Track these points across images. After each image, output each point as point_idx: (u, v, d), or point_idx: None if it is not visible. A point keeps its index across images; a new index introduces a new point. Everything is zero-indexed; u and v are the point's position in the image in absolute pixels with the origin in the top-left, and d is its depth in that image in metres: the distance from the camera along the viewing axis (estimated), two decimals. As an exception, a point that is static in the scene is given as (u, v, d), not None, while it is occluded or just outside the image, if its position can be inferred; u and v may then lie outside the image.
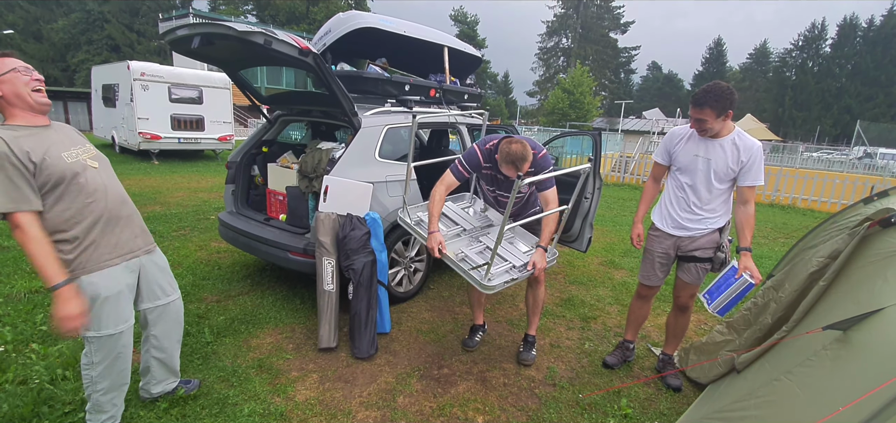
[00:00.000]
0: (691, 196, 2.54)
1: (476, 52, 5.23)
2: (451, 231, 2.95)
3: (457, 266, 2.56)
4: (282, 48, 2.92)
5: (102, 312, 1.85)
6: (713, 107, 2.31)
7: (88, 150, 1.91)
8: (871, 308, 1.72)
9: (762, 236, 7.02)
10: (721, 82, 2.35)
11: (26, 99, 1.73)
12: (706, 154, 2.46)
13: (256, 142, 4.37)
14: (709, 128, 2.37)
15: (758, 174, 2.39)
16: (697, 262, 2.59)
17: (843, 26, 48.98)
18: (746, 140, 2.40)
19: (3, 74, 1.69)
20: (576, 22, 57.13)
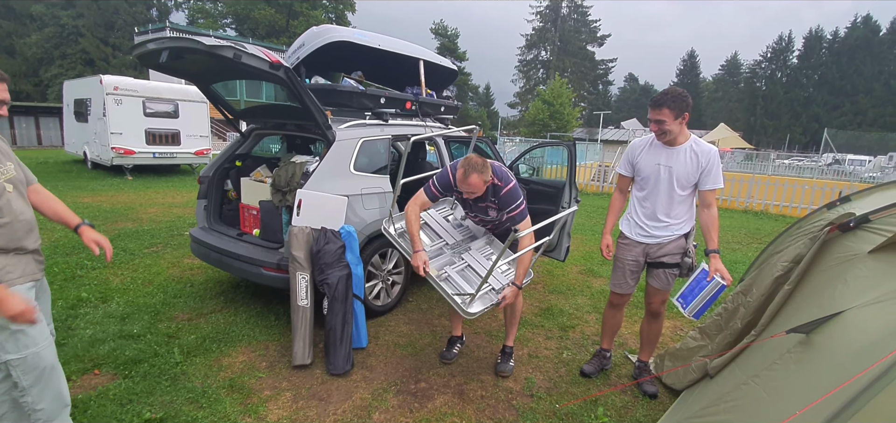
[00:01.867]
0: (656, 204, 2.59)
1: (452, 65, 5.27)
2: (434, 245, 2.91)
3: (439, 287, 2.54)
4: (252, 62, 2.89)
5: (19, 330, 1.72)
6: (671, 107, 2.38)
7: (7, 170, 1.82)
8: (833, 311, 1.77)
9: (736, 242, 7.18)
10: (678, 87, 2.45)
11: None
12: (667, 162, 2.52)
13: (230, 156, 4.30)
14: (667, 130, 2.42)
15: (717, 177, 2.47)
16: (666, 268, 2.64)
17: (808, 38, 51.10)
18: (703, 146, 2.48)
19: None
20: (554, 35, 58.22)
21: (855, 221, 2.13)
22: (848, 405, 1.25)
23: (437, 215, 3.28)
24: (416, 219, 2.70)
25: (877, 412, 1.17)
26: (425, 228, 3.04)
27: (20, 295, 1.67)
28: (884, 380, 1.21)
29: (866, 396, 1.18)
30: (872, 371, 1.20)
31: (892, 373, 1.19)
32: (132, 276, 4.32)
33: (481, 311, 2.51)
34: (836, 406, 1.27)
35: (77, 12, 35.07)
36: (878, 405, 1.17)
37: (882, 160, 24.37)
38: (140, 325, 3.30)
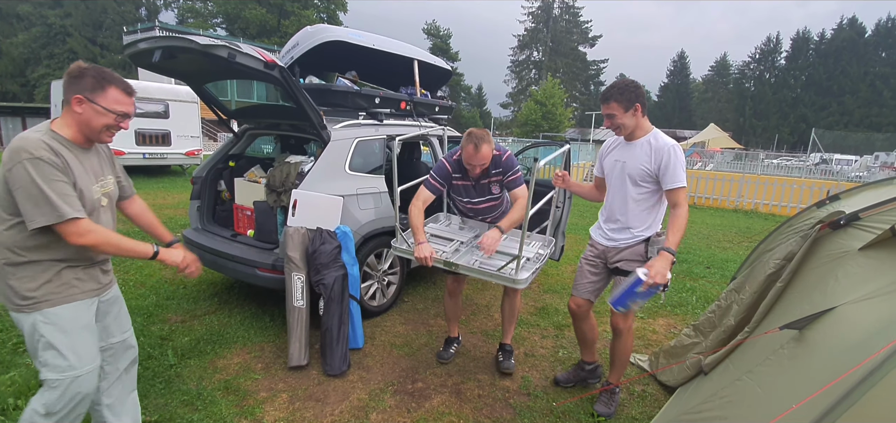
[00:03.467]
0: (613, 203, 2.46)
1: (446, 65, 5.28)
2: (450, 247, 2.84)
3: (479, 273, 2.48)
4: (246, 61, 2.87)
5: (65, 348, 1.62)
6: (618, 100, 2.26)
7: (107, 183, 1.80)
8: (825, 307, 1.80)
9: (727, 241, 7.27)
10: (627, 78, 2.36)
11: (92, 135, 1.68)
12: (622, 157, 2.39)
13: (223, 156, 4.27)
14: (620, 123, 2.29)
15: (675, 175, 2.21)
16: (621, 275, 2.43)
17: (796, 40, 51.84)
18: (661, 141, 2.27)
19: (101, 105, 1.63)
20: (546, 36, 58.47)
21: (845, 219, 2.17)
22: (841, 399, 1.27)
23: (439, 227, 3.25)
24: (420, 214, 2.69)
25: (870, 407, 1.19)
26: (435, 240, 2.95)
27: (177, 249, 1.82)
28: (877, 374, 1.23)
29: (860, 390, 1.21)
30: (865, 366, 1.22)
31: (885, 368, 1.21)
32: (123, 278, 4.27)
33: (529, 277, 2.43)
34: (830, 401, 1.29)
35: (65, 12, 34.63)
36: (872, 399, 1.19)
37: (868, 160, 24.80)
38: (133, 327, 3.25)
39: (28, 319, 1.60)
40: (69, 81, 1.62)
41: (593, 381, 2.79)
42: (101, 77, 1.63)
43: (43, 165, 1.50)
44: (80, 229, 1.56)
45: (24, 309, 1.59)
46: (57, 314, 1.62)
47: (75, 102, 1.61)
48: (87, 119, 1.63)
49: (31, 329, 1.61)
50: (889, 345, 1.23)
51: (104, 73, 1.65)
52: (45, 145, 1.53)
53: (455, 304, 3.04)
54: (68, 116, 1.64)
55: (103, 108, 1.63)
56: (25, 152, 1.49)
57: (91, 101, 1.61)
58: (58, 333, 1.62)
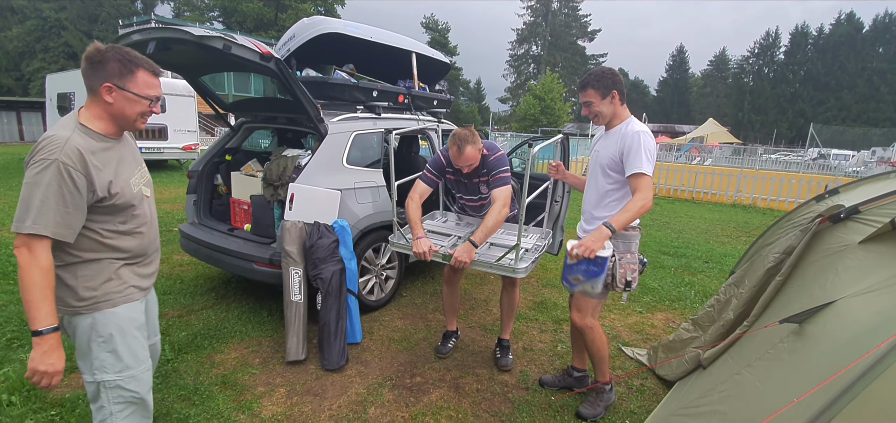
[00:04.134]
0: (589, 196, 2.40)
1: (445, 58, 5.24)
2: (448, 242, 2.83)
3: (478, 264, 2.45)
4: (242, 53, 2.84)
5: (122, 349, 1.56)
6: (595, 87, 2.20)
7: (144, 174, 1.71)
8: (824, 301, 1.79)
9: (725, 236, 7.27)
10: (605, 66, 2.30)
11: (126, 124, 1.55)
12: (599, 147, 2.35)
13: (220, 150, 4.24)
14: (597, 112, 2.24)
15: (635, 161, 2.10)
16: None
17: (794, 35, 51.75)
18: (630, 127, 2.19)
19: (132, 92, 1.48)
20: (545, 30, 58.28)
21: (845, 212, 2.15)
22: (842, 394, 1.26)
23: (436, 223, 3.23)
24: (418, 208, 2.67)
25: (871, 401, 1.19)
26: (432, 236, 2.90)
27: (60, 351, 1.44)
28: (877, 369, 1.22)
29: (860, 384, 1.20)
30: (865, 360, 1.21)
31: (886, 361, 1.20)
32: (120, 272, 4.25)
33: (529, 267, 2.43)
34: (830, 396, 1.28)
35: (60, 5, 34.30)
36: (872, 394, 1.19)
37: (865, 155, 24.82)
38: (129, 322, 3.25)
39: (85, 320, 1.51)
40: (91, 67, 1.46)
41: (579, 388, 2.68)
42: (126, 60, 1.47)
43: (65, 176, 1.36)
44: (28, 243, 1.35)
45: (81, 310, 1.50)
46: (115, 314, 1.55)
47: (104, 92, 1.46)
48: (120, 109, 1.49)
49: (88, 330, 1.52)
50: (889, 339, 1.22)
51: (128, 54, 1.48)
52: (78, 153, 1.38)
53: (453, 295, 3.03)
54: (97, 106, 1.49)
55: (135, 94, 1.49)
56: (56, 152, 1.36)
57: (122, 88, 1.47)
58: (117, 333, 1.55)
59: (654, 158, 2.14)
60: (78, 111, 1.51)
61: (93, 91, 1.47)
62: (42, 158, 1.36)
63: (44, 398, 2.39)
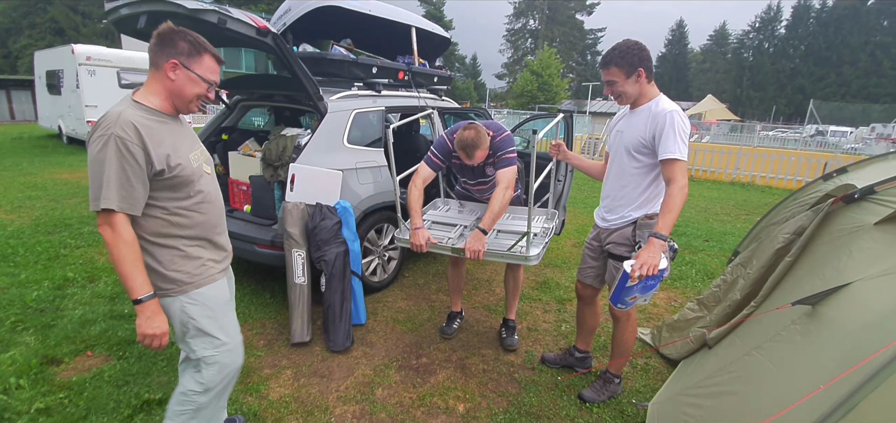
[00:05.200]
0: (608, 179, 2.29)
1: (444, 33, 5.11)
2: (455, 232, 2.76)
3: (490, 255, 2.41)
4: (238, 28, 2.74)
5: (214, 327, 1.63)
6: (619, 65, 2.03)
7: (203, 151, 1.71)
8: (838, 283, 1.77)
9: (725, 214, 7.27)
10: (630, 39, 2.06)
11: (181, 104, 1.56)
12: (623, 128, 2.18)
13: (215, 129, 4.15)
14: (622, 91, 2.08)
15: (668, 144, 1.94)
16: (612, 259, 2.25)
17: (797, 8, 51.03)
18: (661, 106, 2.02)
19: (197, 73, 1.51)
20: (543, 3, 57.21)
21: (859, 192, 2.12)
22: (864, 383, 1.24)
23: (439, 213, 3.18)
24: (420, 195, 2.60)
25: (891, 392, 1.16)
26: (437, 226, 2.88)
27: (161, 316, 1.50)
28: None
29: (883, 374, 1.17)
30: (887, 351, 1.19)
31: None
32: (117, 254, 4.20)
33: (541, 252, 2.37)
34: (852, 385, 1.26)
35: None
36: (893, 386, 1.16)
37: (864, 131, 24.81)
38: (130, 305, 3.20)
39: (175, 303, 1.56)
40: (160, 44, 1.48)
41: (580, 369, 2.66)
42: (196, 42, 1.52)
43: (125, 149, 1.38)
44: (109, 220, 1.40)
45: (170, 293, 1.54)
46: (202, 295, 1.59)
47: (169, 68, 1.48)
48: (180, 87, 1.51)
49: (180, 313, 1.57)
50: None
51: (198, 38, 1.53)
52: (133, 126, 1.40)
53: (458, 275, 3.01)
54: (157, 82, 1.51)
55: (198, 76, 1.52)
56: (114, 127, 1.38)
57: (187, 67, 1.49)
58: (206, 313, 1.60)
59: (688, 138, 1.99)
60: (133, 92, 1.52)
61: (156, 66, 1.50)
62: (99, 134, 1.39)
63: (52, 381, 2.38)
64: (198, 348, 1.63)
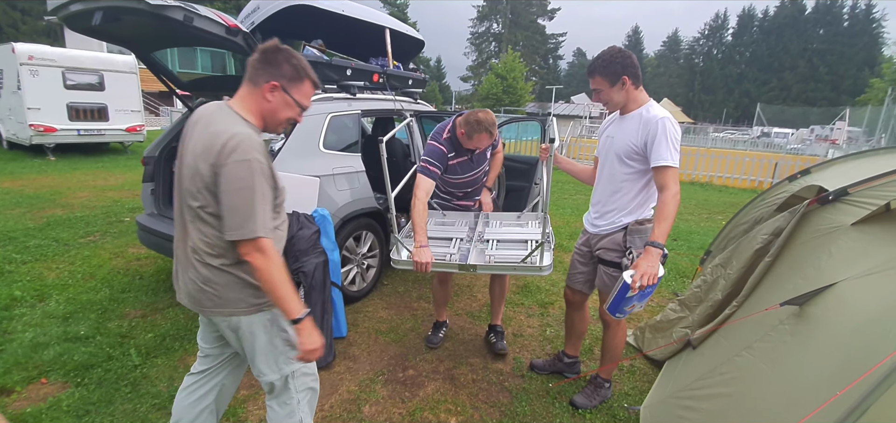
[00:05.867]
0: (599, 185, 2.28)
1: (418, 35, 5.04)
2: (455, 247, 2.58)
3: (502, 269, 2.36)
4: (205, 26, 2.57)
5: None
6: (603, 74, 2.04)
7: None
8: (822, 283, 1.82)
9: (688, 213, 7.55)
10: (615, 47, 2.06)
11: (271, 125, 1.50)
12: (613, 133, 2.18)
13: (178, 133, 3.89)
14: (607, 99, 2.09)
15: (661, 152, 1.94)
16: (603, 264, 2.24)
17: (741, 17, 54.28)
18: (651, 113, 2.02)
19: (294, 98, 1.46)
20: (505, 7, 58.07)
21: (834, 194, 2.21)
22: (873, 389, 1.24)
23: (431, 227, 3.03)
24: (425, 209, 2.45)
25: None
26: (433, 242, 2.63)
27: (317, 330, 1.50)
28: None
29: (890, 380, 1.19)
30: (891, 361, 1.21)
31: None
32: (70, 269, 3.86)
33: (551, 262, 2.28)
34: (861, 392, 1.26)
35: (-26, -31, 30.71)
36: None
37: (804, 133, 26.55)
38: (86, 325, 2.95)
39: (264, 317, 1.50)
40: (264, 62, 1.42)
41: (569, 374, 2.64)
42: (300, 67, 1.46)
43: (265, 174, 1.37)
44: (260, 247, 1.36)
45: (263, 307, 1.48)
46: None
47: (268, 89, 1.42)
48: (275, 109, 1.46)
49: (269, 326, 1.52)
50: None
51: (302, 62, 1.47)
52: (264, 149, 1.38)
53: (446, 292, 2.95)
54: (252, 100, 1.44)
55: (295, 101, 1.47)
56: (253, 151, 1.33)
57: (286, 91, 1.44)
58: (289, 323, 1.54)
59: (679, 144, 1.99)
60: (227, 103, 1.45)
61: (254, 83, 1.44)
62: (241, 159, 1.31)
63: (4, 410, 2.13)
64: (284, 363, 1.58)
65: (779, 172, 9.80)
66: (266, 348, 1.54)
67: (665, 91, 52.40)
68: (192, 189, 1.38)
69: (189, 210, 1.42)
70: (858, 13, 50.58)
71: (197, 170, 1.35)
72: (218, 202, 1.35)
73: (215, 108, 1.45)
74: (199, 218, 1.40)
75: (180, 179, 1.46)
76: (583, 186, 2.41)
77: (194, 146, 1.38)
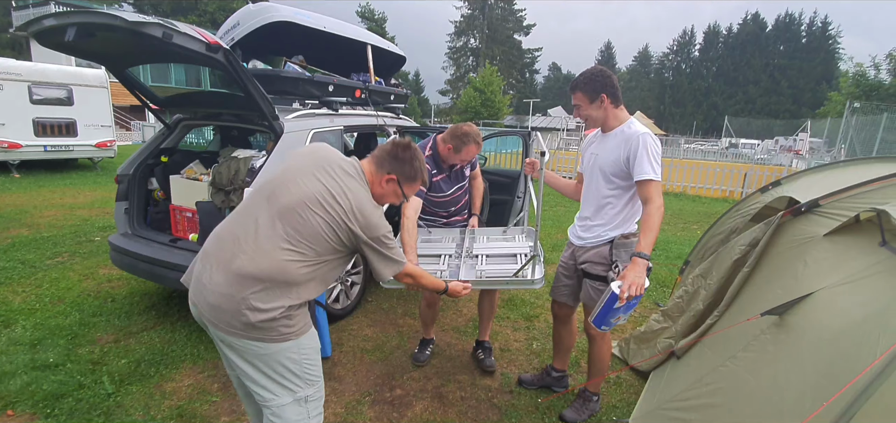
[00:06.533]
0: (586, 200, 2.32)
1: (399, 51, 5.06)
2: (444, 264, 2.56)
3: (494, 284, 2.37)
4: (185, 43, 2.52)
5: (318, 361, 1.70)
6: (583, 90, 2.12)
7: None
8: (801, 292, 1.88)
9: (665, 224, 7.73)
10: (597, 66, 2.18)
11: (377, 201, 1.69)
12: (596, 150, 2.25)
13: (154, 150, 3.78)
14: (586, 115, 2.17)
15: (643, 166, 2.01)
16: (588, 278, 2.27)
17: (707, 33, 56.59)
18: (631, 129, 2.09)
19: (404, 192, 1.74)
20: (482, 23, 58.99)
21: (806, 206, 2.30)
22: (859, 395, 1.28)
23: (421, 244, 3.00)
24: (415, 227, 2.44)
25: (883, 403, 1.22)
26: (423, 260, 2.62)
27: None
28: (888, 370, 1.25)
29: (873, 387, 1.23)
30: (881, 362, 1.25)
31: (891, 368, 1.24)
32: (37, 293, 3.68)
33: (543, 276, 2.31)
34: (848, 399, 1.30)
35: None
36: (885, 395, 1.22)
37: (769, 144, 27.68)
38: (55, 352, 2.80)
39: (291, 345, 1.54)
40: (393, 157, 1.67)
41: (558, 388, 2.65)
42: (419, 171, 1.72)
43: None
44: (405, 271, 1.72)
45: (290, 337, 1.53)
46: (310, 336, 1.64)
47: (386, 179, 1.67)
48: (384, 195, 1.70)
49: (295, 350, 1.56)
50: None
51: (422, 166, 1.73)
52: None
53: (433, 313, 2.93)
54: (372, 178, 1.67)
55: (403, 194, 1.73)
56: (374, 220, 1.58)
57: (400, 185, 1.69)
58: (313, 352, 1.65)
59: (660, 158, 2.07)
60: (361, 167, 1.66)
61: (379, 166, 1.68)
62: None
63: None
64: (306, 386, 1.63)
65: (748, 182, 10.16)
66: (292, 368, 1.61)
67: (638, 104, 53.97)
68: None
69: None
70: (815, 30, 53.41)
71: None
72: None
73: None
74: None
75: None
76: (563, 199, 2.45)
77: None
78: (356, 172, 1.62)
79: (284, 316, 1.48)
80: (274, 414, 1.61)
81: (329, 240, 1.52)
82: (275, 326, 1.47)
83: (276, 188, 1.55)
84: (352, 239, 1.56)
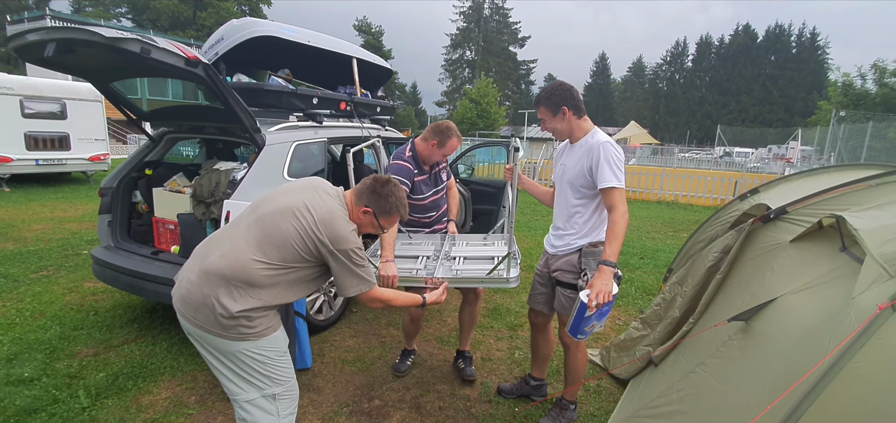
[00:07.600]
0: (557, 210, 2.37)
1: (386, 64, 5.11)
2: (421, 264, 2.57)
3: (468, 281, 2.42)
4: (164, 58, 2.54)
5: (285, 364, 1.74)
6: (545, 105, 2.19)
7: None
8: (765, 298, 1.91)
9: (656, 232, 7.77)
10: (558, 81, 2.24)
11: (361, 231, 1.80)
12: (565, 161, 2.31)
13: (138, 163, 3.80)
14: (551, 128, 2.23)
15: (605, 174, 2.04)
16: (560, 286, 2.31)
17: (700, 44, 57.23)
18: (594, 139, 2.14)
19: (381, 225, 1.81)
20: (478, 36, 59.51)
21: (774, 213, 2.33)
22: (805, 397, 1.30)
23: (401, 246, 3.02)
24: (396, 229, 2.47)
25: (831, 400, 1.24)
26: (400, 260, 2.59)
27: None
28: (831, 373, 1.27)
29: (819, 388, 1.25)
30: (825, 363, 1.27)
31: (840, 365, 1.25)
32: (18, 307, 3.67)
33: (518, 275, 2.29)
34: (795, 399, 1.32)
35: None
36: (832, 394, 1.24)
37: (762, 152, 27.87)
38: (32, 366, 2.79)
39: (249, 345, 1.60)
40: (372, 190, 1.76)
41: (536, 397, 2.66)
42: (394, 206, 1.79)
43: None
44: (373, 296, 1.79)
45: (249, 337, 1.59)
46: (272, 340, 1.67)
47: (363, 211, 1.76)
48: (362, 225, 1.77)
49: (254, 349, 1.61)
50: (842, 343, 1.29)
51: (400, 202, 1.80)
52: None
53: (416, 327, 2.93)
54: (354, 208, 1.76)
55: (380, 226, 1.81)
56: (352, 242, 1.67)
57: (377, 218, 1.78)
58: (276, 354, 1.69)
59: (622, 165, 2.08)
60: (345, 196, 1.79)
61: (357, 199, 1.77)
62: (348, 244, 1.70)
63: None
64: (274, 384, 1.69)
65: (739, 189, 10.22)
66: (257, 367, 1.67)
67: (632, 114, 54.36)
68: None
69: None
70: (804, 41, 54.12)
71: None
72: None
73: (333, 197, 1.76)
74: None
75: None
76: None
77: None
78: (337, 195, 1.76)
79: (244, 316, 1.56)
80: (241, 408, 1.69)
81: (296, 247, 1.61)
82: (235, 325, 1.56)
83: (263, 201, 1.73)
84: (320, 248, 1.63)
